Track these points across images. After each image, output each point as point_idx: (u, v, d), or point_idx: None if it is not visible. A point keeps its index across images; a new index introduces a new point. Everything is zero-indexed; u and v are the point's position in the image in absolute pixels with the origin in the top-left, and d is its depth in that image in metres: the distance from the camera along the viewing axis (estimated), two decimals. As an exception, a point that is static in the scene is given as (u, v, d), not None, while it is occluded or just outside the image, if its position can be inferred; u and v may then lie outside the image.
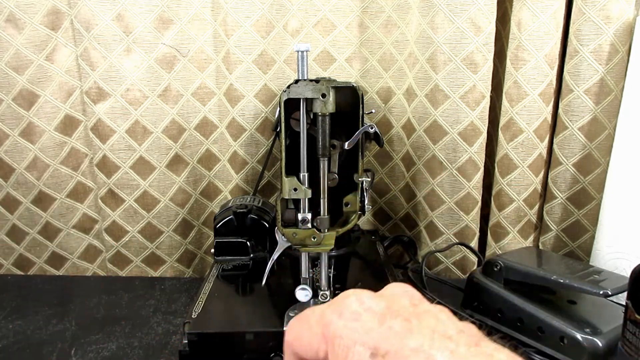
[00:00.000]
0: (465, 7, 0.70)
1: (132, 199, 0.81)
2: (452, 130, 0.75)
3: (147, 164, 0.80)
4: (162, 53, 0.77)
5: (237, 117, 0.81)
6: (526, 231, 0.81)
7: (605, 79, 0.71)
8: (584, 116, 0.73)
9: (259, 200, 0.75)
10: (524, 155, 0.76)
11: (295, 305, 0.56)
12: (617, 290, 0.55)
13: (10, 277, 0.85)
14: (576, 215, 0.78)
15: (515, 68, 0.72)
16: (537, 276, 0.61)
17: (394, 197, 0.87)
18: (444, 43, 0.72)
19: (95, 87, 0.76)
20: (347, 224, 0.56)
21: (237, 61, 0.78)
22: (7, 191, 0.83)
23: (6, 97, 0.78)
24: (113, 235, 0.83)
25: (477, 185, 0.78)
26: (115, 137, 0.78)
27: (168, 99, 0.79)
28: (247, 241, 0.70)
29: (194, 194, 0.85)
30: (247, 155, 0.83)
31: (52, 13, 0.76)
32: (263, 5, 0.77)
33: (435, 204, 0.80)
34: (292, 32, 0.79)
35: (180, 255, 0.86)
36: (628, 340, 0.48)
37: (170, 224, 0.84)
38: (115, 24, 0.74)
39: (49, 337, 0.66)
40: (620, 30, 0.69)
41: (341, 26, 0.79)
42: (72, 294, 0.78)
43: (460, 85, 0.73)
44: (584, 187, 0.76)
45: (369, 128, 0.55)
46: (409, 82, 0.79)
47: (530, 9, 0.70)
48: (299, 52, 0.52)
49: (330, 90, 0.50)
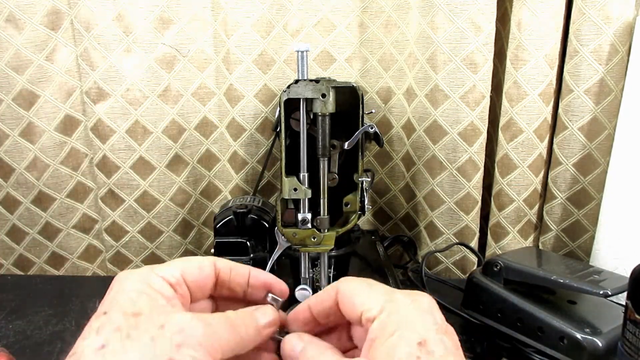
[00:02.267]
0: (465, 7, 0.70)
1: (132, 199, 0.81)
2: (452, 130, 0.75)
3: (147, 164, 0.80)
4: (162, 53, 0.77)
5: (237, 117, 0.81)
6: (526, 231, 0.81)
7: (605, 79, 0.71)
8: (584, 116, 0.73)
9: (259, 200, 0.75)
10: (524, 155, 0.76)
11: (295, 305, 0.56)
12: (617, 290, 0.55)
13: (10, 277, 0.85)
14: (576, 215, 0.78)
15: (515, 68, 0.72)
16: (537, 276, 0.61)
17: (394, 197, 0.87)
18: (444, 43, 0.72)
19: (95, 87, 0.76)
20: (347, 224, 0.56)
21: (237, 61, 0.78)
22: (7, 191, 0.83)
23: (6, 97, 0.77)
24: (113, 235, 0.83)
25: (477, 185, 0.78)
26: (115, 137, 0.78)
27: (168, 99, 0.79)
28: (247, 241, 0.70)
29: (194, 194, 0.85)
30: (247, 155, 0.83)
31: (52, 13, 0.76)
32: (263, 5, 0.77)
33: (435, 204, 0.80)
34: (292, 32, 0.79)
35: (180, 255, 0.86)
36: (628, 340, 0.48)
37: (170, 224, 0.84)
38: (115, 24, 0.74)
39: (49, 337, 0.66)
40: (620, 30, 0.69)
41: (341, 26, 0.79)
42: (72, 294, 0.78)
43: (460, 85, 0.73)
44: (584, 187, 0.76)
45: (369, 128, 0.55)
46: (409, 82, 0.79)
47: (530, 9, 0.70)
48: (299, 52, 0.52)
49: (330, 90, 0.50)
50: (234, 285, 0.37)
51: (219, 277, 0.36)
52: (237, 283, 0.37)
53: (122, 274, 0.33)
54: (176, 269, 0.33)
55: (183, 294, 0.33)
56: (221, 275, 0.36)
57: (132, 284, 0.32)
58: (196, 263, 0.35)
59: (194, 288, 0.34)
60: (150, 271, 0.33)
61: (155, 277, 0.32)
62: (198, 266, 0.35)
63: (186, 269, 0.34)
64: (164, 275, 0.33)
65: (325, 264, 0.56)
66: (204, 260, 0.35)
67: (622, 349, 0.48)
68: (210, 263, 0.36)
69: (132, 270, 0.33)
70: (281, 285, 0.40)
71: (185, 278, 0.34)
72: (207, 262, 0.35)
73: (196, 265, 0.35)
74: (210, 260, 0.36)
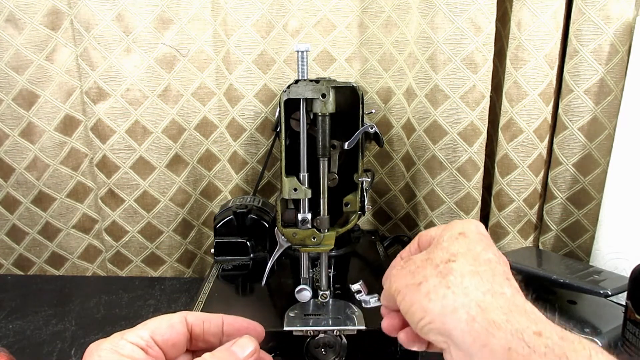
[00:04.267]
0: (465, 7, 0.70)
1: (132, 199, 0.81)
2: (452, 130, 0.75)
3: (147, 164, 0.80)
4: (162, 53, 0.77)
5: (237, 117, 0.81)
6: (526, 231, 0.81)
7: (605, 79, 0.71)
8: (584, 116, 0.73)
9: (259, 200, 0.75)
10: (524, 155, 0.76)
11: (295, 305, 0.56)
12: (617, 290, 0.55)
13: (10, 277, 0.85)
14: (576, 215, 0.78)
15: (515, 68, 0.72)
16: (537, 276, 0.61)
17: (394, 197, 0.87)
18: (444, 43, 0.72)
19: (95, 87, 0.76)
20: (347, 224, 0.56)
21: (237, 61, 0.78)
22: (7, 191, 0.83)
23: (6, 97, 0.77)
24: (113, 235, 0.83)
25: (477, 185, 0.78)
26: (115, 137, 0.78)
27: (168, 99, 0.79)
28: (247, 241, 0.70)
29: (194, 194, 0.85)
30: (247, 155, 0.83)
31: (52, 13, 0.76)
32: (263, 5, 0.77)
33: (435, 204, 0.80)
34: (292, 32, 0.79)
35: (180, 255, 0.86)
36: (628, 340, 0.48)
37: (170, 224, 0.84)
38: (115, 24, 0.74)
39: (49, 337, 0.66)
40: (620, 30, 0.69)
41: (341, 26, 0.79)
42: (72, 294, 0.78)
43: (460, 85, 0.73)
44: (584, 187, 0.76)
45: (369, 128, 0.55)
46: (409, 82, 0.79)
47: (530, 9, 0.70)
48: (299, 52, 0.52)
49: (330, 90, 0.50)
50: (209, 337, 0.38)
51: (192, 332, 0.37)
52: (212, 334, 0.38)
53: (92, 346, 0.34)
54: (145, 331, 0.35)
55: (156, 355, 0.34)
56: (194, 330, 0.37)
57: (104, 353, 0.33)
58: (166, 322, 0.36)
59: (166, 347, 0.35)
60: (119, 338, 0.34)
61: (124, 343, 0.34)
62: (168, 325, 0.36)
63: (156, 329, 0.35)
64: (132, 340, 0.34)
65: (325, 264, 0.56)
66: (173, 317, 0.37)
67: (622, 349, 0.48)
68: (181, 319, 0.37)
69: (101, 340, 0.34)
70: (257, 327, 0.41)
71: (155, 339, 0.35)
72: (177, 319, 0.36)
73: (166, 325, 0.36)
74: (180, 316, 0.37)
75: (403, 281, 0.36)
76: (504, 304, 0.32)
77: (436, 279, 0.34)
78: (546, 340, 0.29)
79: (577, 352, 0.29)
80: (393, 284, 0.37)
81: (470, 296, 0.32)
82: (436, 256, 0.36)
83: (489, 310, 0.31)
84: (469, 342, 0.31)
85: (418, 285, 0.35)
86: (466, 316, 0.31)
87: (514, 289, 0.33)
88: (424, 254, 0.37)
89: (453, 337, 0.32)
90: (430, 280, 0.34)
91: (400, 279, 0.37)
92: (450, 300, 0.32)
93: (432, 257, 0.36)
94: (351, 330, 0.52)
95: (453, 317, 0.32)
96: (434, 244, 0.37)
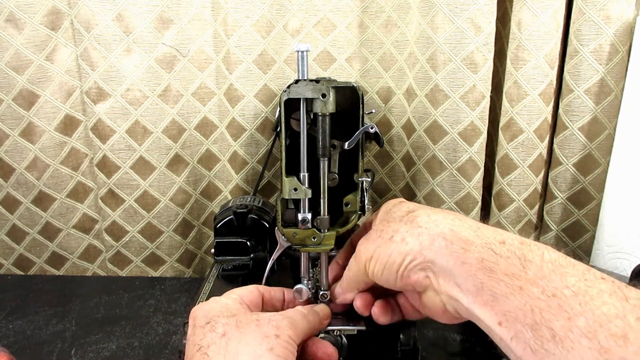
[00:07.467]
0: (465, 7, 0.70)
1: (132, 199, 0.81)
2: (452, 130, 0.75)
3: (147, 164, 0.80)
4: (162, 53, 0.77)
5: (237, 117, 0.81)
6: (526, 231, 0.81)
7: (605, 79, 0.71)
8: (584, 116, 0.73)
9: (259, 200, 0.75)
10: (524, 155, 0.76)
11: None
12: (617, 290, 0.55)
13: (10, 277, 0.85)
14: (576, 215, 0.78)
15: (515, 68, 0.72)
16: (537, 276, 0.60)
17: (394, 197, 0.87)
18: (444, 43, 0.72)
19: (95, 87, 0.76)
20: (347, 224, 0.56)
21: (237, 61, 0.78)
22: (7, 191, 0.83)
23: (6, 97, 0.78)
24: (113, 235, 0.83)
25: (477, 185, 0.78)
26: (115, 137, 0.78)
27: (168, 99, 0.79)
28: (247, 241, 0.70)
29: (194, 194, 0.85)
30: (247, 155, 0.83)
31: (52, 13, 0.76)
32: (263, 5, 0.77)
33: (435, 204, 0.80)
34: (292, 32, 0.79)
35: (181, 255, 0.86)
36: (628, 340, 0.48)
37: (170, 224, 0.84)
38: (115, 24, 0.74)
39: (49, 337, 0.66)
40: (620, 30, 0.69)
41: (341, 26, 0.79)
42: (72, 294, 0.78)
43: (460, 85, 0.73)
44: (584, 187, 0.76)
45: (369, 128, 0.55)
46: (409, 82, 0.79)
47: (531, 9, 0.70)
48: (299, 52, 0.51)
49: (330, 90, 0.50)
50: (275, 302, 0.50)
51: (263, 297, 0.49)
52: (277, 299, 0.50)
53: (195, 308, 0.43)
54: (235, 294, 0.46)
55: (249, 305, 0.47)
56: (265, 296, 0.49)
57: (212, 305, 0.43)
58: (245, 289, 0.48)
59: (250, 306, 0.46)
60: (219, 299, 0.45)
61: (224, 299, 0.45)
62: (248, 291, 0.47)
63: (242, 294, 0.46)
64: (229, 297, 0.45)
65: (325, 264, 0.56)
66: (251, 287, 0.49)
67: (622, 349, 0.48)
68: (255, 288, 0.48)
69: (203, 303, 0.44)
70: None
71: (242, 299, 0.46)
72: (253, 288, 0.48)
73: (246, 291, 0.47)
74: (255, 286, 0.49)
75: (372, 246, 0.42)
76: (472, 223, 0.38)
77: (405, 226, 0.40)
78: (509, 246, 0.35)
79: (532, 252, 0.34)
80: (363, 255, 0.43)
81: (441, 226, 0.38)
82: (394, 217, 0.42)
83: (460, 231, 0.37)
84: (451, 263, 0.36)
85: (390, 239, 0.40)
86: (444, 242, 0.37)
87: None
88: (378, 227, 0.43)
89: (436, 264, 0.37)
90: (400, 229, 0.40)
91: (369, 245, 0.42)
92: (425, 235, 0.38)
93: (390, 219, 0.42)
94: (351, 330, 0.52)
95: (432, 246, 0.37)
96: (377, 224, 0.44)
